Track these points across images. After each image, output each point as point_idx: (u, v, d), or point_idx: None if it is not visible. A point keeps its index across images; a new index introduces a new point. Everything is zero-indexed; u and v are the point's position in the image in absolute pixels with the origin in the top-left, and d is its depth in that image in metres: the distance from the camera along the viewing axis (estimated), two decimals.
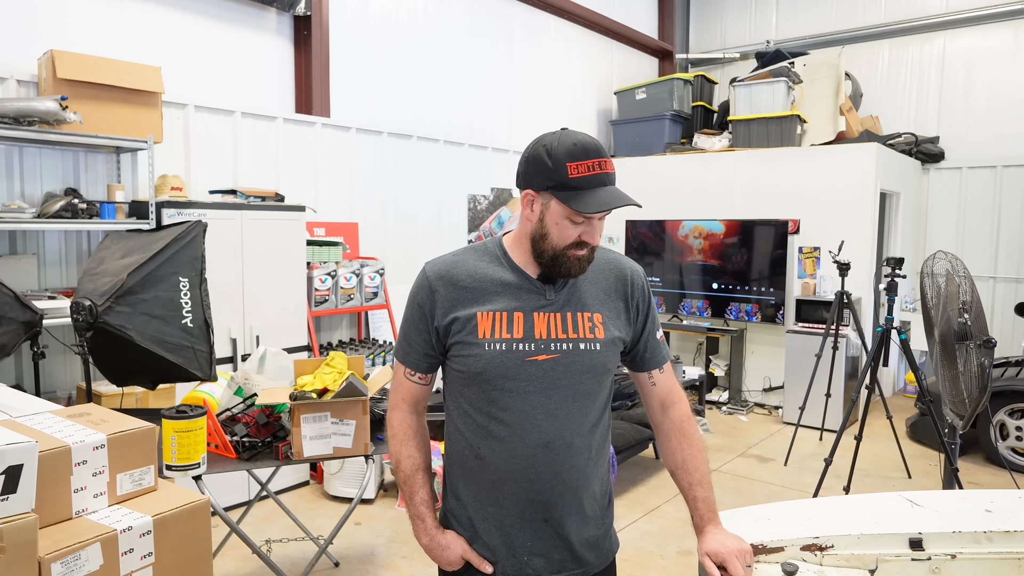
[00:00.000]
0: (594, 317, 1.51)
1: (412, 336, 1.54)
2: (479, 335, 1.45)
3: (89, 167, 3.92)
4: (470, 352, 1.46)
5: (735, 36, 8.72)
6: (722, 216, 6.74)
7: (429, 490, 1.57)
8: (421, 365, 1.55)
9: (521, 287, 1.49)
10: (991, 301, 6.97)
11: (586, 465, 1.51)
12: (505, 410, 1.46)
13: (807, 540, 1.52)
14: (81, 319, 2.53)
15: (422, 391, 1.59)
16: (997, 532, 1.49)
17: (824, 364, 5.21)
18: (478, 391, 1.48)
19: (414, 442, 1.58)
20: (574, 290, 1.52)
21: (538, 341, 1.46)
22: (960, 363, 3.18)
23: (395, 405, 1.60)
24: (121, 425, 1.66)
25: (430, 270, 1.52)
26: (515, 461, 1.46)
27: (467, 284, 1.49)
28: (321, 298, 4.59)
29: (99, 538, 1.46)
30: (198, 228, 2.88)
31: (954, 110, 7.25)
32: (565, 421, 1.47)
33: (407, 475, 1.56)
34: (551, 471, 1.46)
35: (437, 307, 1.50)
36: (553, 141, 1.44)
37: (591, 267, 1.52)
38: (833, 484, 4.36)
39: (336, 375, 2.54)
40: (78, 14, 3.93)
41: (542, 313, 1.48)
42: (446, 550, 1.53)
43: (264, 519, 3.94)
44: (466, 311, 1.47)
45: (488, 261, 1.52)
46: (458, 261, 1.53)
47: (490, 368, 1.44)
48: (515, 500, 1.48)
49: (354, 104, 5.33)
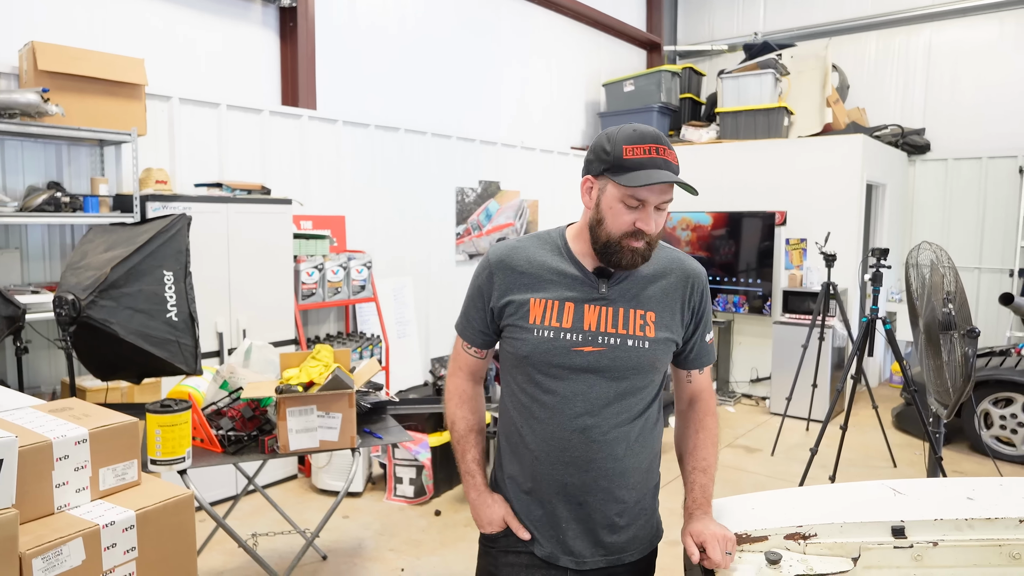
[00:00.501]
0: (647, 315, 1.52)
1: (471, 313, 1.63)
2: (530, 320, 1.51)
3: (72, 160, 3.88)
4: (520, 336, 1.52)
5: (723, 28, 8.73)
6: (710, 208, 6.76)
7: (481, 450, 1.67)
8: (476, 340, 1.65)
9: (576, 278, 1.53)
10: (976, 291, 7.03)
11: (625, 455, 1.53)
12: (547, 393, 1.52)
13: (791, 529, 1.53)
14: (64, 313, 2.51)
15: (478, 364, 1.68)
16: (978, 519, 1.51)
17: (811, 355, 5.24)
18: (524, 373, 1.54)
19: (468, 405, 1.68)
20: (631, 286, 1.53)
21: (586, 332, 1.49)
22: (944, 353, 3.20)
23: (453, 372, 1.70)
24: (103, 419, 1.65)
25: (492, 254, 1.59)
26: (552, 443, 1.52)
27: (524, 270, 1.54)
28: (308, 291, 4.57)
29: (81, 533, 1.45)
30: (182, 221, 2.86)
31: (940, 102, 7.29)
32: (604, 412, 1.50)
33: (461, 435, 1.67)
34: (586, 457, 1.51)
35: (494, 289, 1.56)
36: (616, 130, 1.48)
37: (653, 265, 1.54)
38: (819, 474, 4.40)
39: (322, 368, 2.53)
40: (60, 5, 3.88)
41: (593, 306, 1.51)
42: (490, 508, 1.61)
43: (252, 513, 3.93)
44: (520, 296, 1.53)
45: (548, 250, 1.57)
46: (520, 247, 1.58)
47: (536, 353, 1.50)
48: (551, 480, 1.54)
49: (341, 96, 5.29)
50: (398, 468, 4.20)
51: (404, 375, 5.42)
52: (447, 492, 4.32)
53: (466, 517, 3.99)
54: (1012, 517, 1.49)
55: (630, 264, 1.47)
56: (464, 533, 3.79)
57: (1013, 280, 6.80)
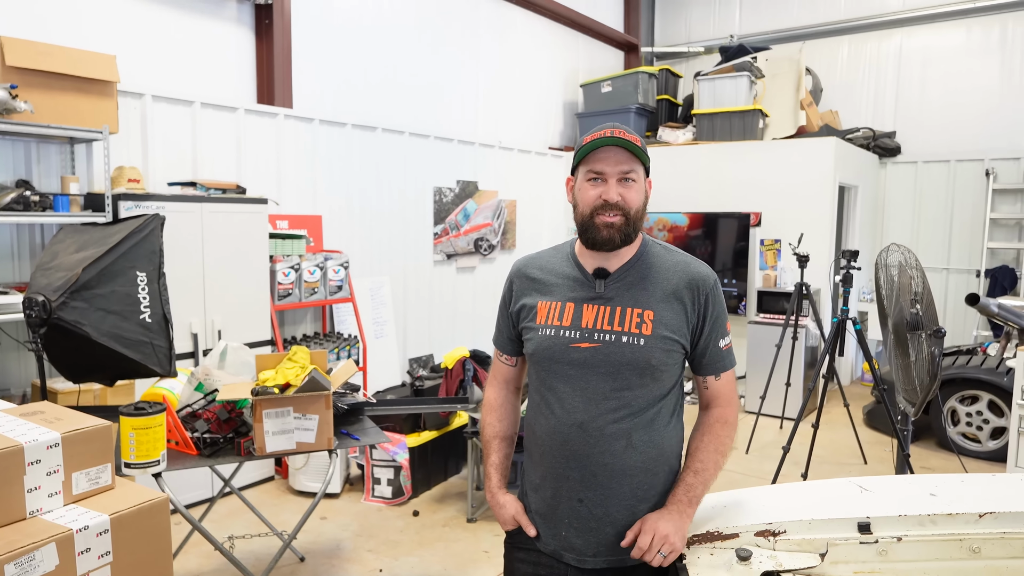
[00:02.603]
0: (645, 314, 1.56)
1: (500, 322, 1.78)
2: (537, 321, 1.63)
3: (42, 158, 3.81)
4: (529, 336, 1.65)
5: (699, 30, 8.81)
6: (686, 209, 6.83)
7: (502, 455, 1.77)
8: (507, 348, 1.78)
9: (578, 280, 1.63)
10: (944, 292, 7.19)
11: (623, 453, 1.55)
12: (551, 390, 1.61)
13: (761, 526, 1.57)
14: (34, 315, 2.47)
15: (511, 371, 1.81)
16: (940, 515, 1.55)
17: (784, 354, 5.33)
18: (535, 370, 1.66)
19: (496, 413, 1.79)
20: (630, 286, 1.59)
21: (583, 330, 1.57)
22: (912, 352, 3.28)
23: (489, 382, 1.85)
24: (76, 423, 1.63)
25: (513, 266, 1.75)
26: (555, 437, 1.59)
27: (537, 276, 1.68)
28: (284, 292, 4.54)
29: (54, 538, 1.43)
30: (156, 221, 2.83)
31: (910, 105, 7.44)
32: (600, 407, 1.55)
33: (486, 440, 1.79)
34: (584, 451, 1.56)
35: (513, 296, 1.72)
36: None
37: (657, 266, 1.60)
38: (792, 471, 4.47)
39: (298, 370, 2.52)
40: (31, 0, 3.81)
41: (592, 305, 1.59)
42: (502, 509, 1.71)
43: (228, 515, 3.90)
44: (532, 300, 1.66)
45: (560, 257, 1.69)
46: (536, 257, 1.74)
47: (540, 350, 1.61)
48: (554, 475, 1.61)
49: (317, 95, 5.26)
50: (376, 469, 4.19)
51: (382, 375, 5.41)
52: (425, 492, 4.32)
53: (444, 517, 4.00)
54: (972, 512, 1.54)
55: (607, 240, 1.55)
56: (442, 533, 3.80)
57: (980, 280, 6.96)
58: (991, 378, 4.89)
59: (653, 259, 1.63)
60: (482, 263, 6.64)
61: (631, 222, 1.55)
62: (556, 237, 7.61)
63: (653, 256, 1.63)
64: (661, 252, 1.65)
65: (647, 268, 1.61)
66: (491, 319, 1.81)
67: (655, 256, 1.63)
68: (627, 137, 1.52)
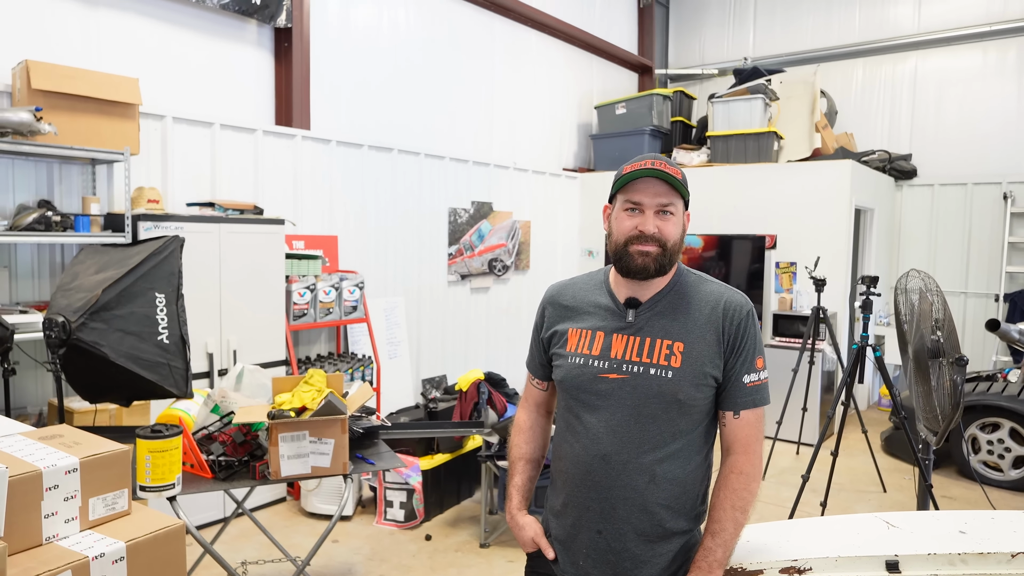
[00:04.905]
0: (675, 346, 1.53)
1: (532, 347, 1.79)
2: (567, 348, 1.63)
3: (64, 179, 3.86)
4: (559, 362, 1.65)
5: (713, 52, 8.84)
6: (700, 231, 6.80)
7: (526, 477, 1.77)
8: (538, 372, 1.78)
9: (609, 309, 1.62)
10: (962, 316, 7.10)
11: (646, 488, 1.52)
12: (578, 418, 1.60)
13: (785, 563, 1.54)
14: (54, 336, 2.48)
15: (542, 395, 1.81)
16: (971, 554, 1.51)
17: (801, 378, 5.26)
18: (563, 397, 1.67)
19: (523, 435, 1.80)
20: (661, 316, 1.57)
21: (612, 360, 1.56)
22: (933, 379, 3.22)
23: (520, 404, 1.86)
24: (94, 448, 1.63)
25: (546, 292, 1.77)
26: (579, 467, 1.59)
27: (569, 304, 1.69)
28: (300, 312, 4.55)
29: (70, 565, 1.42)
30: (175, 243, 2.84)
31: (926, 128, 7.40)
32: (625, 439, 1.53)
33: (511, 461, 1.81)
34: (606, 483, 1.55)
35: (545, 322, 1.72)
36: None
37: (690, 296, 1.58)
38: (810, 499, 4.40)
39: (315, 393, 2.51)
40: (55, 24, 3.88)
41: (622, 335, 1.58)
42: (521, 531, 1.71)
43: (240, 537, 3.88)
44: (563, 326, 1.66)
45: (593, 285, 1.69)
46: (569, 284, 1.74)
47: (568, 378, 1.61)
48: (575, 503, 1.60)
49: (335, 117, 5.31)
50: (388, 492, 4.16)
51: (395, 396, 5.39)
52: (438, 516, 4.28)
53: (456, 542, 3.95)
54: (1004, 552, 1.50)
55: (642, 269, 1.53)
56: (455, 559, 3.76)
57: (998, 305, 6.87)
58: (1013, 405, 4.81)
59: (686, 288, 1.59)
60: (496, 284, 6.64)
61: (667, 253, 1.53)
62: (570, 258, 7.60)
63: (687, 286, 1.60)
64: (695, 282, 1.61)
65: (679, 298, 1.58)
66: (504, 340, 1.83)
67: (689, 286, 1.60)
68: (667, 170, 1.51)
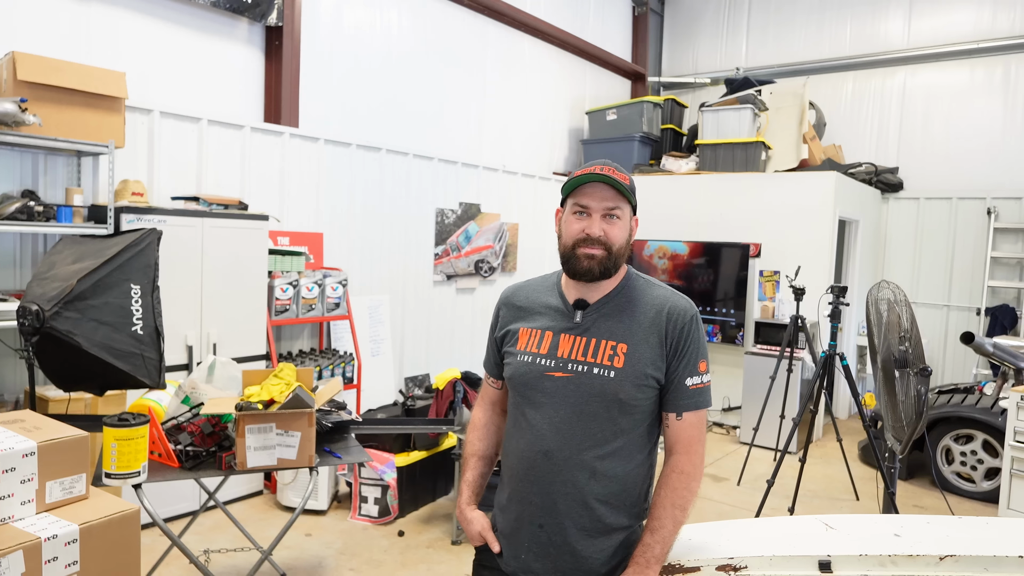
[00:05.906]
0: (619, 347, 1.58)
1: (488, 347, 1.84)
2: (517, 347, 1.68)
3: (49, 170, 3.89)
4: (509, 360, 1.70)
5: (706, 62, 8.91)
6: (687, 238, 6.86)
7: (477, 473, 1.81)
8: (493, 371, 1.82)
9: (559, 310, 1.67)
10: (944, 329, 7.16)
11: (586, 484, 1.56)
12: (524, 415, 1.65)
13: (722, 560, 1.58)
14: (27, 324, 2.51)
15: (497, 394, 1.85)
16: (901, 556, 1.56)
17: (779, 386, 5.31)
18: (512, 395, 1.71)
19: (477, 432, 1.85)
20: (607, 318, 1.62)
21: (558, 359, 1.61)
22: (899, 389, 3.28)
23: (477, 402, 1.91)
24: (53, 433, 1.67)
25: (502, 294, 1.82)
26: (522, 462, 1.63)
27: (522, 305, 1.74)
28: (282, 307, 4.58)
29: (22, 545, 1.46)
30: (152, 236, 2.88)
31: (913, 142, 7.47)
32: (567, 436, 1.57)
33: (465, 457, 1.85)
34: (548, 478, 1.59)
35: (499, 322, 1.77)
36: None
37: (636, 299, 1.63)
38: (781, 503, 4.44)
39: (283, 387, 2.55)
40: (44, 17, 3.92)
41: (569, 335, 1.62)
42: (470, 525, 1.75)
43: (213, 529, 3.91)
44: (515, 326, 1.71)
45: (546, 287, 1.75)
46: (524, 286, 1.80)
47: (516, 375, 1.66)
48: (518, 498, 1.64)
49: (323, 115, 5.35)
50: (363, 487, 4.20)
51: (376, 394, 5.43)
52: (412, 513, 4.32)
53: (428, 539, 3.99)
54: (933, 554, 1.55)
55: (587, 271, 1.59)
56: (426, 555, 3.79)
57: (980, 319, 6.93)
58: (986, 418, 4.86)
59: (634, 292, 1.64)
60: (482, 285, 6.68)
61: (612, 257, 1.59)
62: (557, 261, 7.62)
63: (634, 290, 1.65)
64: (643, 286, 1.67)
65: (626, 301, 1.63)
66: None
67: (636, 290, 1.65)
68: (615, 175, 1.56)
